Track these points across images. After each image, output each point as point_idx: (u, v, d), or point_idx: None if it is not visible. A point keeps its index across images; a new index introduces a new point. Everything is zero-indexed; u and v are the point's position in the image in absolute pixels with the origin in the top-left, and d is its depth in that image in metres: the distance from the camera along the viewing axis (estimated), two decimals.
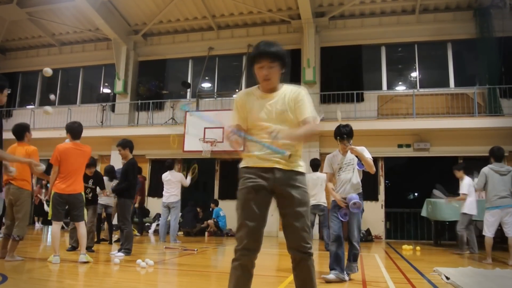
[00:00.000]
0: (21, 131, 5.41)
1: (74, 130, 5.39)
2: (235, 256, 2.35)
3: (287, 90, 2.46)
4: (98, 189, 7.21)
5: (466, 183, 7.82)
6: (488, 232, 6.29)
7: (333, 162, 4.72)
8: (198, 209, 11.71)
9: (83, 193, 5.45)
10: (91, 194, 7.02)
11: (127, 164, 6.41)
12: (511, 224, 6.17)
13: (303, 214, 2.35)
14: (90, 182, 7.05)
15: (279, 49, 2.40)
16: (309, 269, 2.37)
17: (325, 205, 7.52)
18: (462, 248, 7.75)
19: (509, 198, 6.21)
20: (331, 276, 4.32)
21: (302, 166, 2.46)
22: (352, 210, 4.37)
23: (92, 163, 6.98)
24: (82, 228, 5.29)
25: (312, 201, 7.12)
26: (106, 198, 8.03)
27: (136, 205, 10.53)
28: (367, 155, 4.49)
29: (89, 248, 6.50)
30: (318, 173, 7.64)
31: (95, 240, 7.50)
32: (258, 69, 2.41)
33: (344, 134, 4.54)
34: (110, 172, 8.30)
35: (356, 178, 4.56)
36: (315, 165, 7.88)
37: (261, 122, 2.39)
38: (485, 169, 6.40)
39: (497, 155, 6.46)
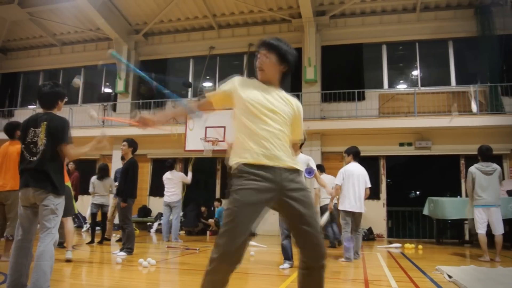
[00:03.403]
0: (12, 130, 5.29)
1: None
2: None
3: (289, 97, 2.34)
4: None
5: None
6: (480, 229, 6.32)
7: None
8: (203, 208, 11.71)
9: (69, 185, 5.40)
10: None
11: (128, 163, 6.41)
12: (498, 222, 6.29)
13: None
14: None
15: (280, 43, 2.28)
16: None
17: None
18: (349, 253, 5.99)
19: (495, 197, 6.31)
20: (286, 265, 5.12)
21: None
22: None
23: None
24: (69, 224, 5.25)
25: None
26: (102, 197, 8.03)
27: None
28: (313, 166, 5.18)
29: (60, 244, 6.32)
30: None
31: (99, 239, 7.54)
32: (257, 57, 2.30)
33: None
34: (103, 170, 8.31)
35: None
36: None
37: (270, 106, 2.18)
38: (472, 168, 6.48)
39: (485, 154, 6.51)
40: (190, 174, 9.13)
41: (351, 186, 6.15)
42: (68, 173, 6.90)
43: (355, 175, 6.18)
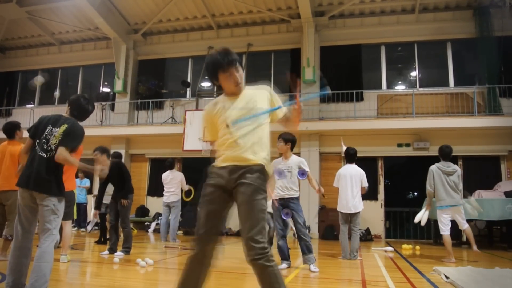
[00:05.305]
0: (11, 130, 5.26)
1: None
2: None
3: (252, 90, 2.56)
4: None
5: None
6: (445, 230, 6.35)
7: (275, 165, 5.32)
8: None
9: (75, 191, 5.40)
10: None
11: (115, 165, 6.21)
12: (462, 219, 6.34)
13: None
14: None
15: (234, 54, 2.48)
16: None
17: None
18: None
19: (457, 197, 6.31)
20: (284, 265, 5.05)
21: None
22: (284, 217, 5.18)
23: None
24: (68, 228, 5.25)
25: None
26: (109, 196, 7.99)
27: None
28: (306, 169, 5.29)
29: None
30: None
31: (102, 239, 7.55)
32: (226, 77, 2.46)
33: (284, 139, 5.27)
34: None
35: (293, 183, 5.24)
36: None
37: (227, 121, 2.44)
38: (433, 167, 6.50)
39: (444, 153, 6.51)
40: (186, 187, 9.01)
41: (343, 188, 6.36)
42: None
43: (347, 177, 6.37)
